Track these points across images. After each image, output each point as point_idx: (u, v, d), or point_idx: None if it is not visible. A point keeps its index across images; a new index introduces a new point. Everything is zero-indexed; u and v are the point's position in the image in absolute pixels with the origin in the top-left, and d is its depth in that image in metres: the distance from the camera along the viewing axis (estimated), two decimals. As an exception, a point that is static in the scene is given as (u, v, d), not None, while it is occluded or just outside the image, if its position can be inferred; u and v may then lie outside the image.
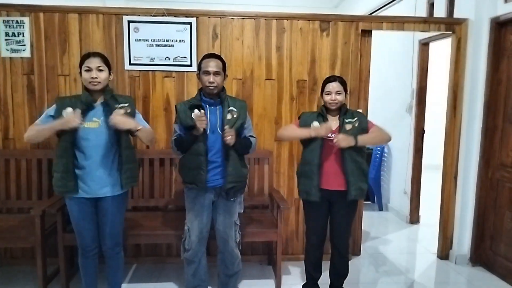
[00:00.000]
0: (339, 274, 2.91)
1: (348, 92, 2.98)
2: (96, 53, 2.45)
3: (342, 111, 2.69)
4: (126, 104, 2.48)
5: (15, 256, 3.41)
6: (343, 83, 2.69)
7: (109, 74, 2.47)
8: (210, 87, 2.53)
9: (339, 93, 2.64)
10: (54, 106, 2.46)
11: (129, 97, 2.76)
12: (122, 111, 2.42)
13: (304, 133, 2.64)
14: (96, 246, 2.61)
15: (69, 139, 2.38)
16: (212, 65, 2.53)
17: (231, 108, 2.60)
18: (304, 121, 2.72)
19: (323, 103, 2.73)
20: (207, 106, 2.59)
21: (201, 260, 2.75)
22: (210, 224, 2.71)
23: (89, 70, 2.38)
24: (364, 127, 2.67)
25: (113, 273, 2.70)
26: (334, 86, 2.64)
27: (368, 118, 2.81)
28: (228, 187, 2.58)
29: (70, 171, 2.40)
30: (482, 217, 3.54)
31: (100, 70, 2.40)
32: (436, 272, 3.56)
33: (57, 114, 2.39)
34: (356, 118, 2.67)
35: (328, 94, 2.65)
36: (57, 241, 2.93)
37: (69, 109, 2.37)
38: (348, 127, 2.63)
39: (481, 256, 3.57)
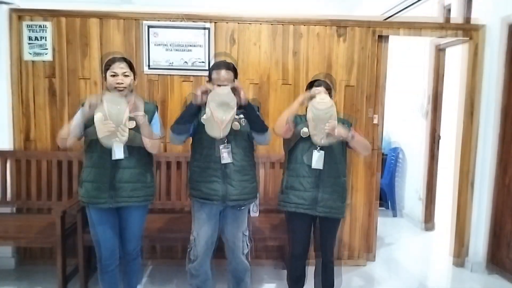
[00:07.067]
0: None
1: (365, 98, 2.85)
2: (121, 58, 2.43)
3: None
4: (141, 114, 2.40)
5: (34, 256, 3.48)
6: (329, 88, 2.50)
7: (134, 79, 2.47)
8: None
9: None
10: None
11: (152, 103, 2.70)
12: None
13: (295, 105, 2.48)
14: (116, 259, 2.57)
15: None
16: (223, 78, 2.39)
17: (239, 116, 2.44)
18: (296, 118, 2.55)
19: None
20: None
21: (207, 272, 2.63)
22: (217, 235, 2.63)
23: (115, 75, 2.38)
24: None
25: (129, 278, 2.67)
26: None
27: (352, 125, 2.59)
28: (230, 205, 2.50)
29: None
30: (499, 225, 3.50)
31: (126, 76, 2.40)
32: (452, 280, 3.53)
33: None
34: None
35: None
36: (74, 242, 3.00)
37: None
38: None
39: (497, 264, 3.54)
